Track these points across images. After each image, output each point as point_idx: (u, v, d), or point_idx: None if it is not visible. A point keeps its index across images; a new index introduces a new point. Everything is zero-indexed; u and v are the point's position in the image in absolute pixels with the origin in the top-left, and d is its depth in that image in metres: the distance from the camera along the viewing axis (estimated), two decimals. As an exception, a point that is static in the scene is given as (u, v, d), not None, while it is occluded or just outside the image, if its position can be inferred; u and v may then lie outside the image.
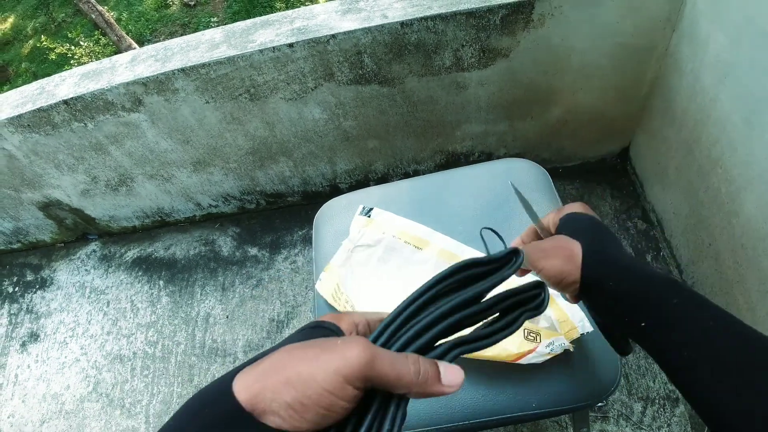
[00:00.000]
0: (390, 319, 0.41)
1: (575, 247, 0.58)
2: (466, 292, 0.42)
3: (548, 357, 0.80)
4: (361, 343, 0.36)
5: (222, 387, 0.36)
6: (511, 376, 0.83)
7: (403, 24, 1.37)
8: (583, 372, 0.81)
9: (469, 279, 0.43)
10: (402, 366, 0.37)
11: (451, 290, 0.43)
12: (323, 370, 0.34)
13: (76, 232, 2.22)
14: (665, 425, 1.42)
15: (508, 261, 0.45)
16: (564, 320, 0.83)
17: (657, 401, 1.45)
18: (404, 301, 0.42)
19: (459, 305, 0.41)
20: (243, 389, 0.35)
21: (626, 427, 1.42)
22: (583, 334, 0.81)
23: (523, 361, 0.80)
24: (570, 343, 0.80)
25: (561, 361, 0.82)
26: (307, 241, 1.99)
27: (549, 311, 0.85)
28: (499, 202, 1.09)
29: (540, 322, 0.84)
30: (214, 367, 1.80)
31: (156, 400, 1.78)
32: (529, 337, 0.82)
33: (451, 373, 0.39)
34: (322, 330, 0.45)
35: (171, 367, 1.83)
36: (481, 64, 1.48)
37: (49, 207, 2.04)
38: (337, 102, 1.59)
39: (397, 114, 1.65)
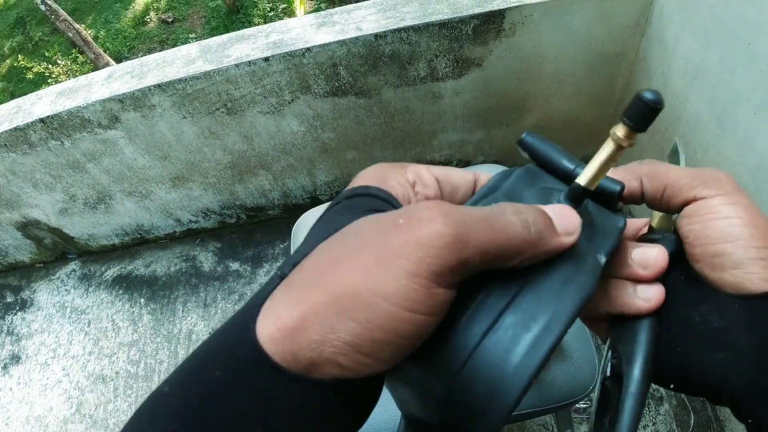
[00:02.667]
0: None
1: None
2: None
3: None
4: (434, 211, 0.23)
5: (240, 334, 0.24)
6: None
7: (377, 36, 1.38)
8: (561, 371, 0.82)
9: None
10: (505, 224, 0.24)
11: None
12: (392, 280, 0.22)
13: (56, 251, 2.20)
14: (651, 424, 1.43)
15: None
16: None
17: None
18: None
19: None
20: (272, 336, 0.23)
21: (610, 428, 1.43)
22: None
23: None
24: None
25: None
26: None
27: None
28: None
29: None
30: (199, 384, 1.78)
31: (140, 419, 1.76)
32: None
33: (563, 217, 0.27)
34: (367, 200, 0.30)
35: (154, 386, 1.80)
36: (456, 73, 1.50)
37: (27, 227, 2.02)
38: (315, 114, 1.60)
39: (375, 125, 1.66)
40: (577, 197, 0.29)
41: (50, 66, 8.04)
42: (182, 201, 1.94)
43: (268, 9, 8.54)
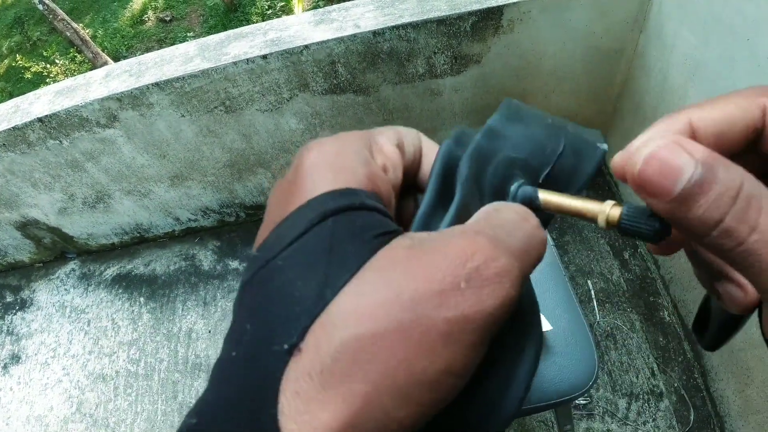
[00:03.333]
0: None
1: None
2: None
3: None
4: (503, 268, 0.18)
5: (256, 425, 0.17)
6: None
7: (375, 33, 1.38)
8: (561, 367, 0.82)
9: None
10: (538, 242, 0.21)
11: None
12: (460, 356, 0.18)
13: (55, 251, 2.20)
14: (650, 420, 1.43)
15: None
16: None
17: (641, 396, 1.46)
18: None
19: None
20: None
21: (612, 423, 1.44)
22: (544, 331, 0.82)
23: None
24: None
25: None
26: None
27: None
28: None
29: None
30: (198, 383, 1.78)
31: (140, 418, 1.76)
32: None
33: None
34: (366, 216, 0.21)
35: (154, 385, 1.81)
36: (454, 70, 1.50)
37: (26, 226, 2.01)
38: (313, 112, 1.60)
39: (374, 122, 1.66)
40: (528, 204, 0.24)
41: (48, 65, 8.03)
42: (181, 200, 1.94)
43: (266, 7, 8.53)
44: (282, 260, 0.20)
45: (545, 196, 0.24)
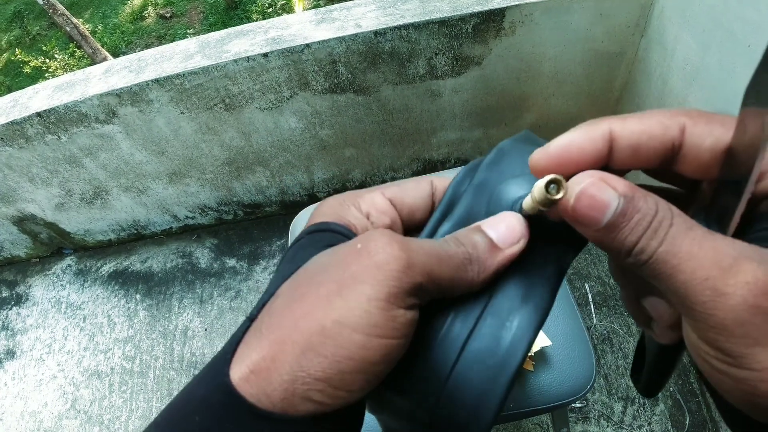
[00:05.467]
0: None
1: None
2: None
3: None
4: (385, 240, 0.24)
5: (216, 379, 0.24)
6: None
7: (376, 33, 1.38)
8: (559, 371, 0.82)
9: None
10: (447, 249, 0.26)
11: None
12: (355, 307, 0.23)
13: (51, 246, 2.19)
14: (646, 424, 1.43)
15: None
16: None
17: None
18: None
19: None
20: (246, 378, 0.23)
21: (607, 426, 1.44)
22: (542, 347, 0.82)
23: None
24: (528, 358, 0.81)
25: (536, 361, 0.82)
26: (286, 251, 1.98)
27: None
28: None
29: None
30: (194, 380, 1.77)
31: (135, 416, 1.75)
32: None
33: (506, 228, 0.27)
34: (328, 235, 0.30)
35: (149, 382, 1.81)
36: (455, 71, 1.50)
37: (23, 221, 2.01)
38: (313, 111, 1.60)
39: (374, 122, 1.66)
40: (526, 215, 0.27)
41: (47, 60, 8.01)
42: (179, 197, 1.93)
43: (267, 5, 8.52)
44: (279, 263, 0.30)
45: (525, 202, 0.27)
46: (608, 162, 0.24)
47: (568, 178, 0.24)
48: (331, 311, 0.23)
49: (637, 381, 0.35)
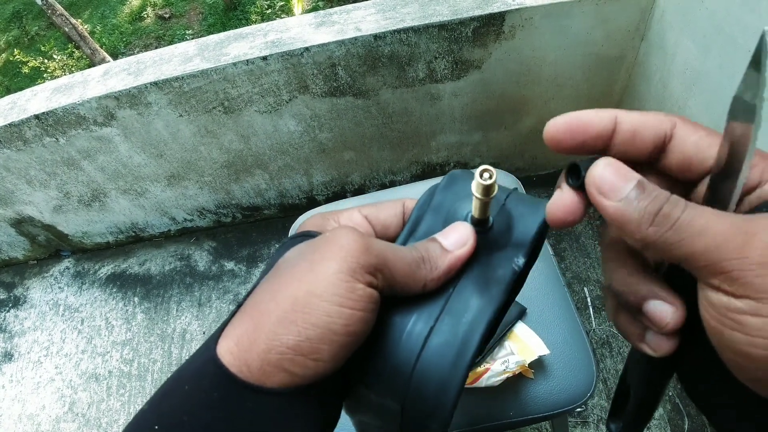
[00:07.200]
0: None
1: None
2: None
3: (506, 376, 0.79)
4: (348, 229, 0.29)
5: (205, 354, 0.27)
6: (487, 386, 0.83)
7: (376, 37, 1.38)
8: (559, 379, 0.82)
9: None
10: (404, 250, 0.31)
11: None
12: (323, 279, 0.26)
13: (49, 248, 2.19)
14: (645, 428, 1.43)
15: None
16: (522, 346, 0.83)
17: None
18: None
19: None
20: (230, 350, 0.26)
21: (606, 431, 1.43)
22: (540, 356, 0.81)
23: (480, 383, 0.80)
24: (527, 366, 0.80)
25: (536, 369, 0.82)
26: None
27: (507, 342, 0.85)
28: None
29: (500, 353, 0.84)
30: (192, 384, 1.77)
31: (132, 418, 1.75)
32: None
33: (455, 233, 0.32)
34: (307, 239, 0.34)
35: (147, 386, 1.80)
36: (454, 75, 1.49)
37: (21, 224, 2.00)
38: (312, 114, 1.59)
39: (373, 126, 1.65)
40: (476, 222, 0.32)
41: (46, 61, 7.98)
42: (177, 199, 1.93)
43: (266, 6, 8.51)
44: (267, 263, 0.34)
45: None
46: (610, 144, 0.28)
47: (579, 156, 0.28)
48: (303, 284, 0.27)
49: (616, 422, 0.40)
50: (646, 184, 0.24)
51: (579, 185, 0.27)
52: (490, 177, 0.28)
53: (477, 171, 0.28)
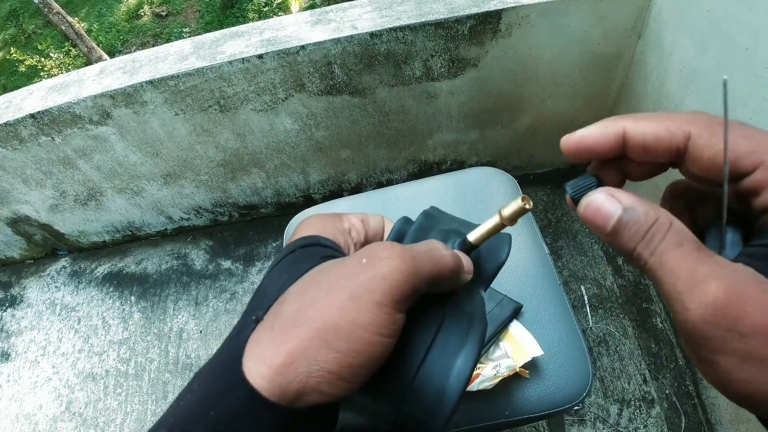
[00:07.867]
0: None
1: None
2: None
3: (498, 380, 0.79)
4: (390, 251, 0.29)
5: (231, 376, 0.27)
6: (483, 385, 0.83)
7: (372, 35, 1.37)
8: (555, 378, 0.81)
9: None
10: (441, 257, 0.31)
11: None
12: (365, 311, 0.26)
13: (46, 248, 2.18)
14: (642, 426, 1.43)
15: None
16: (516, 348, 0.82)
17: (633, 403, 1.46)
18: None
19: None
20: (263, 375, 0.26)
21: (603, 429, 1.43)
22: (534, 357, 0.81)
23: (471, 387, 0.79)
24: (521, 367, 0.80)
25: (532, 368, 0.82)
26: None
27: (502, 342, 0.84)
28: (468, 212, 1.09)
29: (495, 353, 0.84)
30: (189, 383, 1.76)
31: (130, 418, 1.74)
32: None
33: (465, 259, 0.34)
34: (320, 249, 0.35)
35: (144, 385, 1.80)
36: (451, 73, 1.49)
37: (17, 223, 2.00)
38: (309, 113, 1.59)
39: (369, 124, 1.65)
40: (468, 249, 0.35)
41: (43, 59, 7.97)
42: (174, 198, 1.92)
43: (263, 4, 8.50)
44: (269, 272, 0.34)
45: (471, 235, 0.35)
46: (625, 154, 0.29)
47: (591, 166, 0.31)
48: (346, 313, 0.26)
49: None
50: (624, 222, 0.26)
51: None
52: (529, 202, 0.31)
53: (519, 197, 0.31)
